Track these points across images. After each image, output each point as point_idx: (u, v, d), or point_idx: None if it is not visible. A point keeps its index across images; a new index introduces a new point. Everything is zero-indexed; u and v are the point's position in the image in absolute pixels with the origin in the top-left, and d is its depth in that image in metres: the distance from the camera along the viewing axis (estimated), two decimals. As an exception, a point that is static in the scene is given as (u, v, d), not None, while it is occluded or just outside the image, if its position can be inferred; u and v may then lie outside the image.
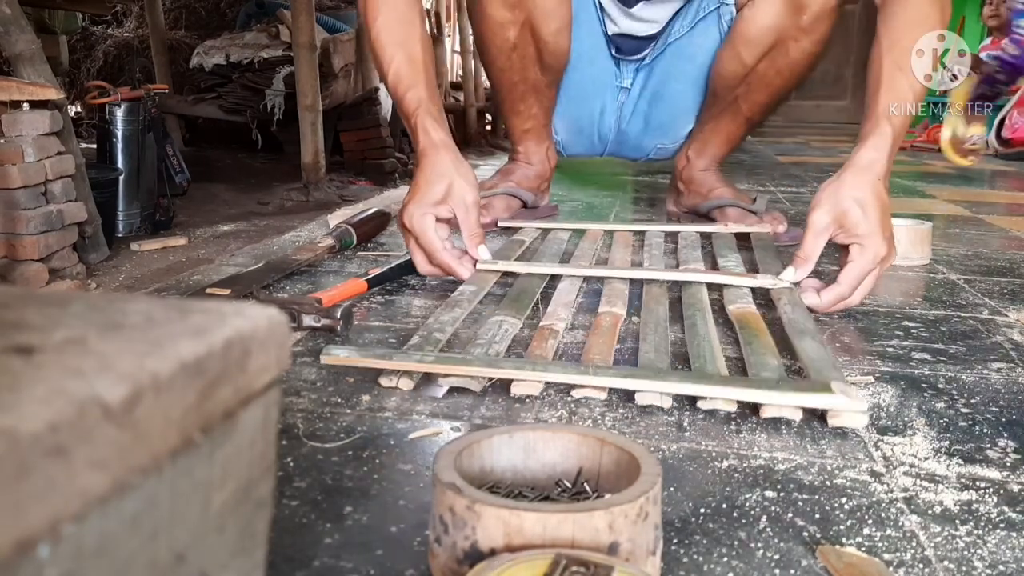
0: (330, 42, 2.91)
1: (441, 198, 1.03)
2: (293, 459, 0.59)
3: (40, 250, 1.06)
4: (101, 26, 4.02)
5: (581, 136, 1.63)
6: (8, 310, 0.28)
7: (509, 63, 1.38)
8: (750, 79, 1.40)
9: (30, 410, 0.20)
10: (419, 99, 1.09)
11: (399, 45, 1.11)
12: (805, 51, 1.35)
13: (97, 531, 0.22)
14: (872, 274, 0.94)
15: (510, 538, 0.40)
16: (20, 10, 1.16)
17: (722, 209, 1.48)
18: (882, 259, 0.94)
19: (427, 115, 1.08)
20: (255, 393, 0.30)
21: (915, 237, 1.27)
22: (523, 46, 1.36)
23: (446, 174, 1.04)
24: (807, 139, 4.25)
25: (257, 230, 1.53)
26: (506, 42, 1.35)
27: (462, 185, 1.04)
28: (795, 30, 1.32)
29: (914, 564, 0.48)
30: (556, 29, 1.37)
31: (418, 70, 1.11)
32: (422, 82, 1.11)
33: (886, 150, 0.99)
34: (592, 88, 1.56)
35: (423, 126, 1.08)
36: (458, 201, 1.04)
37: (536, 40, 1.37)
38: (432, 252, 1.03)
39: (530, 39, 1.36)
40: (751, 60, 1.37)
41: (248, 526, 0.31)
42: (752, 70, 1.38)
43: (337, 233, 1.24)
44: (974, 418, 0.69)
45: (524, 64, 1.39)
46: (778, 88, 1.41)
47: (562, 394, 0.72)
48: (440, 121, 1.09)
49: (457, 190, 1.04)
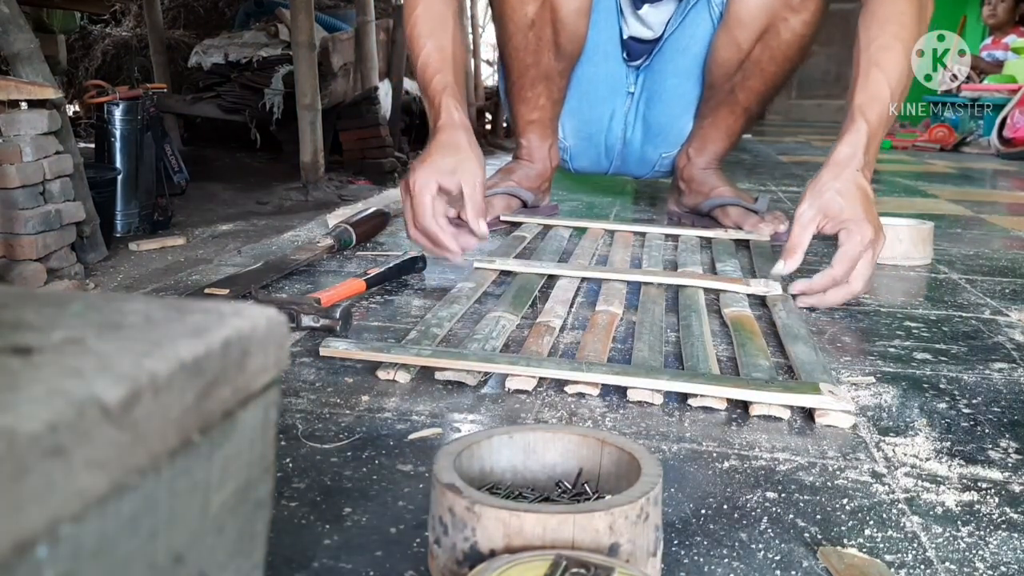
0: (329, 41, 2.91)
1: (450, 169, 1.04)
2: (292, 460, 0.59)
3: (38, 250, 1.05)
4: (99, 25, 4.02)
5: (589, 144, 1.62)
6: (6, 310, 0.28)
7: (525, 42, 1.38)
8: (745, 66, 1.40)
9: (29, 410, 0.20)
10: (445, 83, 1.14)
11: (431, 35, 1.18)
12: (796, 32, 1.36)
13: (96, 532, 0.22)
14: (866, 258, 0.95)
15: (510, 539, 0.40)
16: (18, 9, 1.16)
17: (724, 208, 1.48)
18: (871, 241, 0.94)
19: (451, 97, 1.12)
20: (254, 393, 0.30)
21: (917, 237, 1.26)
22: (541, 25, 1.37)
23: (461, 149, 1.06)
24: (808, 138, 4.25)
25: (256, 230, 1.53)
26: (524, 18, 1.35)
27: (473, 161, 1.06)
28: (786, 10, 1.33)
29: (916, 565, 0.48)
30: (576, 9, 1.37)
31: (446, 58, 1.17)
32: (449, 69, 1.16)
33: (862, 145, 1.00)
34: (604, 89, 1.56)
35: (446, 105, 1.11)
36: (467, 175, 1.05)
37: (555, 20, 1.37)
38: (420, 215, 1.03)
39: (549, 18, 1.37)
40: (746, 44, 1.38)
41: (247, 527, 0.31)
42: (747, 56, 1.39)
43: (336, 233, 1.24)
44: (976, 419, 0.69)
45: (539, 45, 1.39)
46: (772, 74, 1.41)
47: (562, 394, 0.72)
48: (462, 105, 1.13)
49: (467, 164, 1.05)
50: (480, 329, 0.84)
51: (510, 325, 0.87)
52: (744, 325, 0.89)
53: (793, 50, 1.39)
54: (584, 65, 1.49)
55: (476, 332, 0.83)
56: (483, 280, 1.05)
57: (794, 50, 1.39)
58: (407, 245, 1.21)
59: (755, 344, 0.82)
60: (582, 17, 1.39)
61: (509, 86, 1.49)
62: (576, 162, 1.67)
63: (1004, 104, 3.53)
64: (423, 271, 1.11)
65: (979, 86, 3.83)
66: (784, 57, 1.39)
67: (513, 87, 1.48)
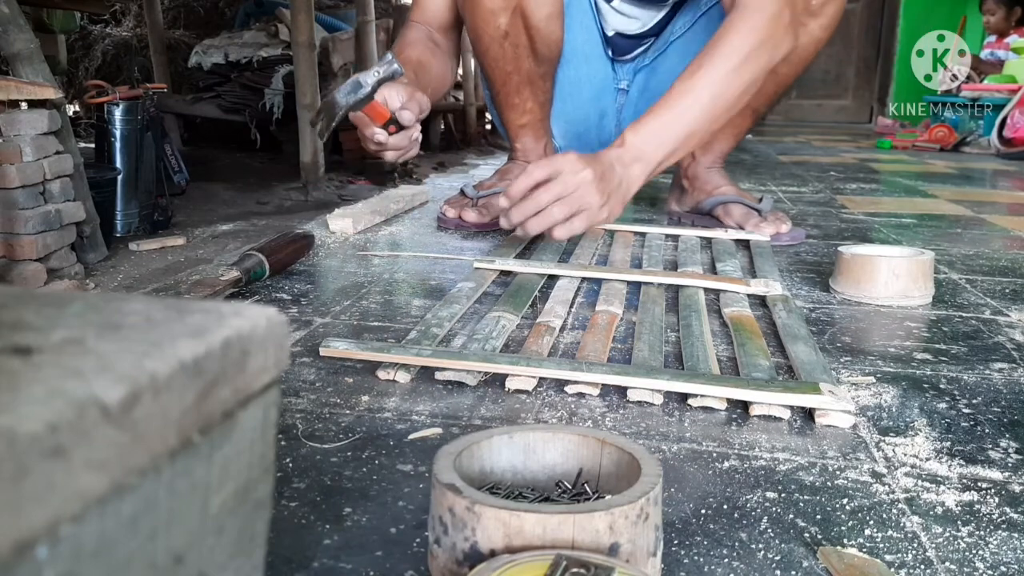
0: (329, 41, 2.90)
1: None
2: (292, 460, 0.59)
3: (38, 250, 1.05)
4: (99, 25, 4.02)
5: (581, 142, 1.62)
6: (6, 310, 0.28)
7: (502, 52, 1.38)
8: None
9: (29, 411, 0.20)
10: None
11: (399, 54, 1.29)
12: (813, 36, 1.36)
13: (96, 532, 0.22)
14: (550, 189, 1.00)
15: (510, 539, 0.40)
16: (18, 9, 1.15)
17: (726, 206, 1.48)
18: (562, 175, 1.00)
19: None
20: (254, 394, 0.30)
21: (916, 271, 1.03)
22: (515, 34, 1.36)
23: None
24: (808, 138, 4.25)
25: (256, 230, 1.53)
26: (497, 30, 1.35)
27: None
28: (805, 14, 1.32)
29: (916, 565, 0.48)
30: (547, 15, 1.37)
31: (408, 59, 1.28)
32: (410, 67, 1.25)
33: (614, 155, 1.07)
34: (590, 89, 1.56)
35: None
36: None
37: (528, 27, 1.36)
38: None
39: (522, 26, 1.36)
40: None
41: (247, 527, 0.31)
42: None
43: (245, 264, 1.03)
44: (976, 419, 0.69)
45: (517, 53, 1.39)
46: (785, 76, 1.41)
47: (562, 394, 0.72)
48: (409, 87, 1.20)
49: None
50: (480, 329, 0.84)
51: (510, 325, 0.87)
52: (744, 325, 0.89)
53: (809, 53, 1.39)
54: (564, 68, 1.49)
55: (476, 332, 0.84)
56: (483, 280, 1.05)
57: (810, 53, 1.39)
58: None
59: (755, 344, 0.82)
60: (554, 21, 1.39)
61: (494, 95, 1.50)
62: None
63: (1004, 104, 3.53)
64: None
65: (979, 86, 3.83)
66: (799, 60, 1.39)
67: (498, 95, 1.48)
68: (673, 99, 1.11)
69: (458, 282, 1.04)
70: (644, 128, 1.10)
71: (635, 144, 1.09)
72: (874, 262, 1.03)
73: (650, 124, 1.10)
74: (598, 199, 1.02)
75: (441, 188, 1.97)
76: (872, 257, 1.04)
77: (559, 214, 1.01)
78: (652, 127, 1.10)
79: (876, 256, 1.04)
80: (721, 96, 1.11)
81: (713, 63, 1.11)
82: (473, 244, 1.37)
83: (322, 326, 0.90)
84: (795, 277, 1.17)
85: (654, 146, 1.09)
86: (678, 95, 1.11)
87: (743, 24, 1.14)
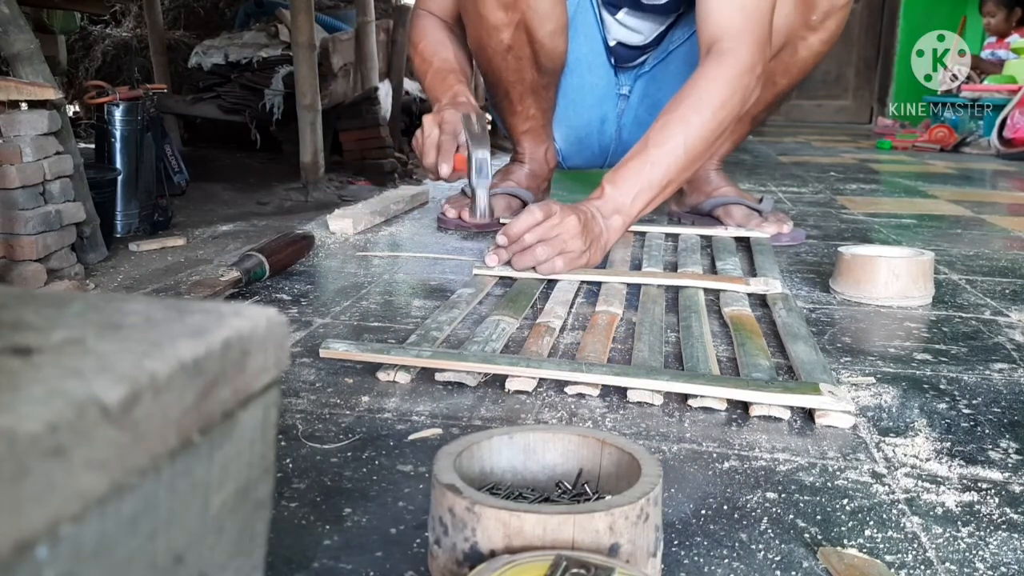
0: (329, 41, 2.90)
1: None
2: (292, 460, 0.59)
3: (38, 250, 1.05)
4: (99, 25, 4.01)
5: (581, 147, 1.63)
6: (6, 310, 0.28)
7: (505, 64, 1.38)
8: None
9: (29, 411, 0.20)
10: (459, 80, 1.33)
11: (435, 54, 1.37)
12: (813, 50, 1.37)
13: (96, 532, 0.22)
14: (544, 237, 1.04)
15: (510, 540, 0.40)
16: (18, 9, 1.15)
17: (726, 207, 1.48)
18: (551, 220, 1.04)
19: (460, 84, 1.31)
20: (254, 394, 0.30)
21: (916, 271, 1.03)
22: (519, 47, 1.36)
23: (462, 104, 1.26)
24: (808, 138, 4.25)
25: (256, 230, 1.52)
26: (501, 44, 1.35)
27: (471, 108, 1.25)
28: (804, 28, 1.33)
29: (916, 566, 0.48)
30: (551, 31, 1.37)
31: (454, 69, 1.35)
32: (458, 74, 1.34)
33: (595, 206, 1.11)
34: (592, 97, 1.56)
35: (459, 91, 1.29)
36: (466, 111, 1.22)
37: (532, 42, 1.36)
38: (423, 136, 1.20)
39: (526, 41, 1.36)
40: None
41: (247, 527, 0.31)
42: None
43: (245, 264, 1.03)
44: (976, 419, 0.69)
45: (520, 65, 1.39)
46: (785, 86, 1.42)
47: (562, 395, 0.72)
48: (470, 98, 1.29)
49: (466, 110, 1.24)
50: (480, 332, 0.84)
51: (510, 328, 0.87)
52: (744, 324, 0.89)
53: (808, 64, 1.40)
54: (568, 76, 1.49)
55: (476, 335, 0.84)
56: (483, 285, 1.05)
57: (809, 64, 1.40)
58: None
59: (755, 344, 0.82)
60: (558, 36, 1.39)
61: (497, 102, 1.50)
62: (570, 161, 1.67)
63: (1004, 104, 3.52)
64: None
65: (979, 86, 3.83)
66: (798, 70, 1.40)
67: (501, 103, 1.48)
68: (648, 150, 1.13)
69: (458, 287, 1.04)
70: (621, 180, 1.12)
71: (613, 197, 1.11)
72: (874, 262, 1.03)
73: (627, 175, 1.12)
74: (580, 245, 1.06)
75: (441, 188, 1.97)
76: (872, 257, 1.04)
77: (542, 255, 1.05)
78: (629, 178, 1.12)
79: (876, 256, 1.05)
80: (694, 148, 1.14)
81: (686, 115, 1.14)
82: (473, 244, 1.37)
83: (322, 326, 0.90)
84: (795, 277, 1.17)
85: (631, 197, 1.12)
86: (653, 145, 1.13)
87: (718, 73, 1.16)
